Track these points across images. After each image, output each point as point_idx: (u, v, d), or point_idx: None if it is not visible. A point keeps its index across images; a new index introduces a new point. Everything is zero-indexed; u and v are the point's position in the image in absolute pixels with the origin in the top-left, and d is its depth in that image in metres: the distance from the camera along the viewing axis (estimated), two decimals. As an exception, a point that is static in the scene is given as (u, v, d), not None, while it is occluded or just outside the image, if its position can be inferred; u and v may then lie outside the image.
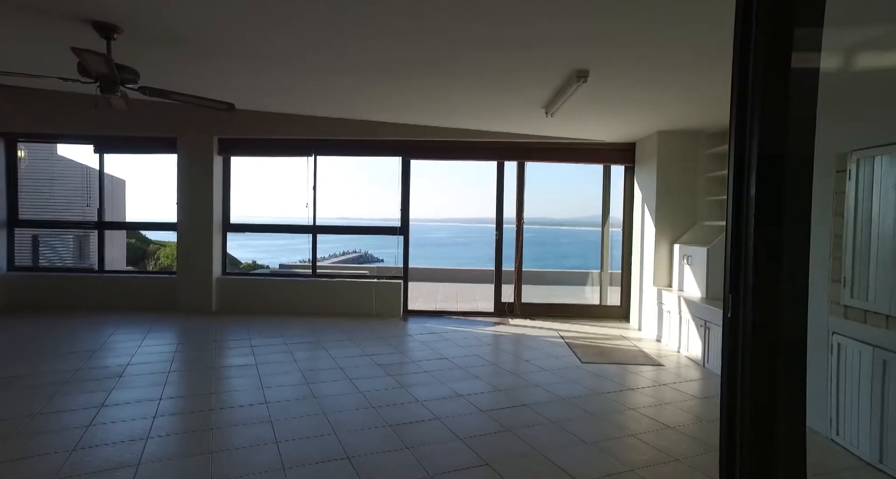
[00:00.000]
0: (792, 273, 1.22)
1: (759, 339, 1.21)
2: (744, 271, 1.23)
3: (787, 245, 1.22)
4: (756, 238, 1.22)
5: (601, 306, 6.26)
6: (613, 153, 5.97)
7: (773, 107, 1.21)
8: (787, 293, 1.20)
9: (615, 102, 4.20)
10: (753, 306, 1.21)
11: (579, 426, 2.96)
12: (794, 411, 1.23)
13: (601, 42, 2.79)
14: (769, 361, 1.21)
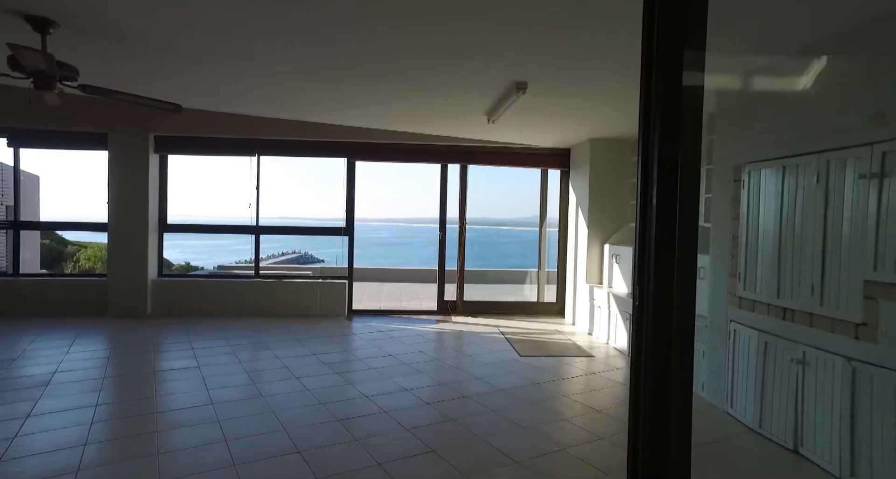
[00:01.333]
0: (683, 269, 1.47)
1: (658, 325, 1.45)
2: (647, 266, 1.46)
3: (680, 244, 1.47)
4: (657, 238, 1.46)
5: (539, 302, 6.62)
6: (550, 158, 6.34)
7: (670, 120, 1.43)
8: (680, 286, 1.45)
9: (551, 112, 4.50)
10: (654, 297, 1.45)
11: (517, 414, 3.20)
12: (684, 384, 1.48)
13: (538, 57, 3.04)
14: (666, 343, 1.45)
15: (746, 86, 3.20)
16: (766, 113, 3.02)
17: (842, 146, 2.42)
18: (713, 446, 2.78)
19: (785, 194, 2.77)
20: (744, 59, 3.02)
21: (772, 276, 2.84)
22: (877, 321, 2.21)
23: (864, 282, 2.27)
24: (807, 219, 2.62)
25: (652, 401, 1.44)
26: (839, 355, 2.38)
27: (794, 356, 2.64)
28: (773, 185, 2.86)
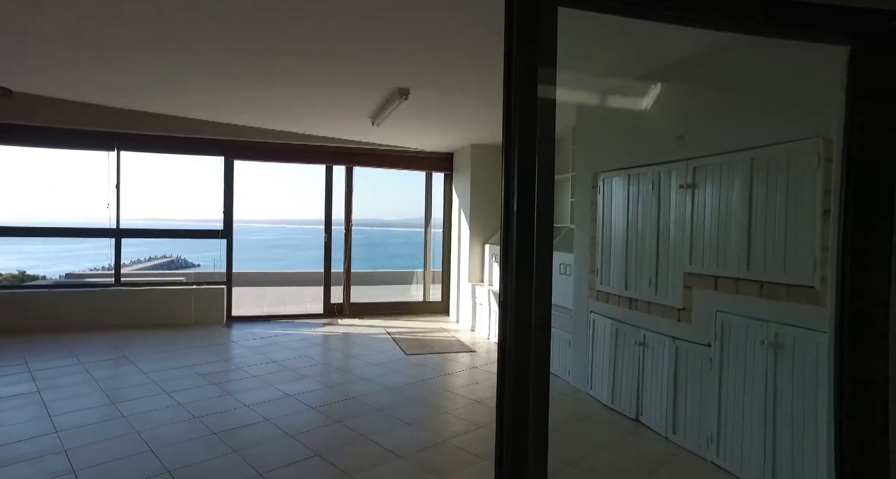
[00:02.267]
0: (541, 268, 1.67)
1: (520, 318, 1.62)
2: (511, 265, 1.63)
3: (538, 244, 1.66)
4: (518, 239, 1.63)
5: (424, 302, 6.82)
6: (434, 162, 6.56)
7: (528, 130, 1.59)
8: (538, 283, 1.64)
9: (434, 118, 4.69)
10: (517, 294, 1.62)
11: (403, 411, 3.31)
12: (541, 370, 1.67)
13: (419, 66, 3.17)
14: (526, 335, 1.62)
15: (602, 103, 3.64)
16: (617, 128, 3.47)
17: (668, 160, 2.88)
18: (576, 422, 3.13)
19: (630, 200, 3.22)
20: (600, 81, 3.44)
21: (621, 271, 3.28)
22: (691, 306, 2.68)
23: (684, 274, 2.74)
24: (645, 221, 3.07)
25: (514, 388, 1.61)
26: (667, 336, 2.84)
27: (637, 340, 3.08)
28: (621, 191, 3.30)
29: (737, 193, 2.44)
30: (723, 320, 2.49)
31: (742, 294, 2.40)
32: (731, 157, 2.47)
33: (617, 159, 3.37)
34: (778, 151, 2.24)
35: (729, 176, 2.49)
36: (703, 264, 2.63)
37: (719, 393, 2.49)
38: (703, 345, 2.61)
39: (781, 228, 2.22)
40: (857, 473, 1.77)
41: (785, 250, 2.20)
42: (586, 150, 3.76)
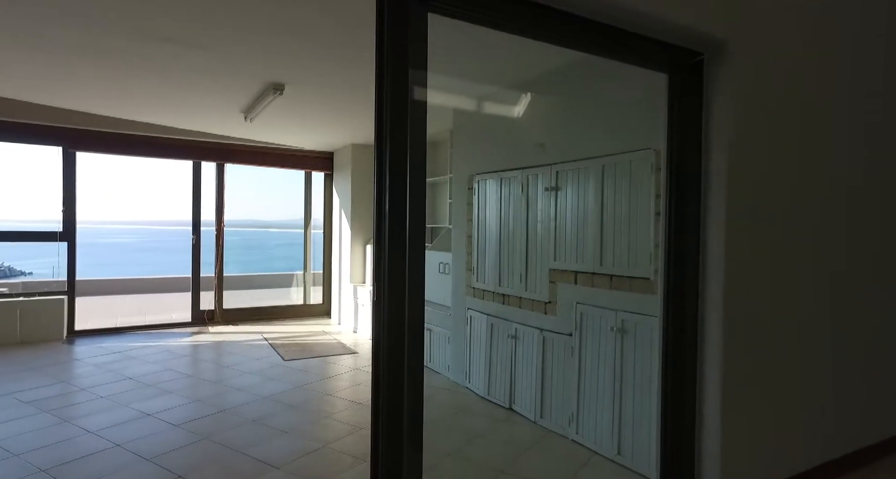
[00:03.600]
0: (414, 267, 1.70)
1: (393, 317, 1.63)
2: (384, 265, 1.64)
3: (411, 244, 1.69)
4: (390, 240, 1.65)
5: (305, 305, 6.58)
6: (314, 160, 6.36)
7: (399, 131, 1.60)
8: (412, 283, 1.68)
9: (312, 116, 4.55)
10: (390, 293, 1.64)
11: (280, 419, 3.16)
12: (415, 368, 1.70)
13: (294, 61, 3.05)
14: (399, 333, 1.64)
15: (477, 109, 3.82)
16: (491, 133, 3.67)
17: (535, 165, 3.12)
18: (454, 415, 3.25)
19: (502, 201, 3.43)
20: (475, 87, 3.61)
21: (495, 268, 3.47)
22: (556, 299, 2.94)
23: (549, 270, 2.99)
24: (516, 221, 3.29)
25: (389, 386, 1.62)
26: (536, 328, 3.07)
27: (510, 333, 3.29)
28: (494, 193, 3.50)
29: (591, 196, 2.73)
30: (581, 311, 2.76)
31: (596, 287, 2.69)
32: (586, 163, 2.76)
33: (490, 162, 3.56)
34: (622, 160, 2.54)
35: (585, 180, 2.77)
36: (566, 260, 2.89)
37: (578, 377, 2.76)
38: (565, 335, 2.87)
39: (626, 227, 2.53)
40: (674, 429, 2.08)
41: (628, 247, 2.51)
42: (462, 153, 3.93)
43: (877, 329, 2.67)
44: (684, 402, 2.05)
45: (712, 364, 1.99)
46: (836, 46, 2.33)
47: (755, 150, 2.03)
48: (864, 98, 2.49)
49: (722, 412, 1.96)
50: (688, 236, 2.02)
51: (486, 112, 3.82)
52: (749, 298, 2.04)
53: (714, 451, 1.98)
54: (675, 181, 2.01)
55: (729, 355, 1.97)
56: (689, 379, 2.04)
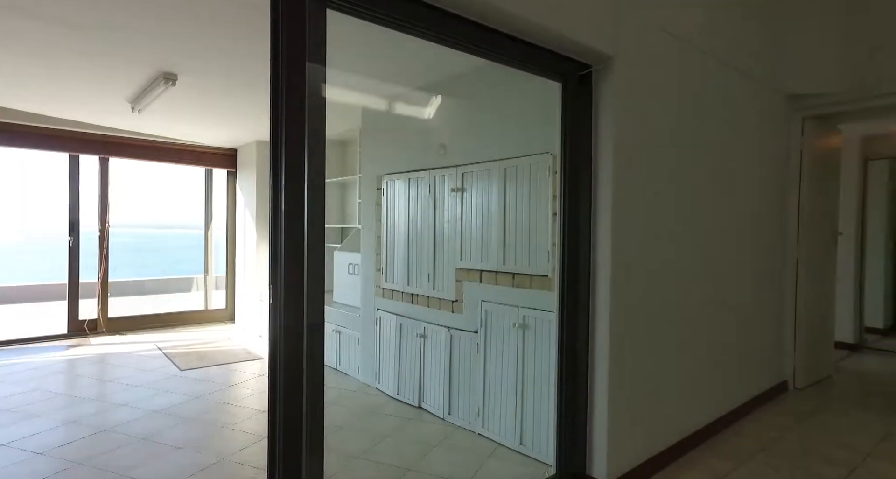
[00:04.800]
0: (313, 269, 1.64)
1: (290, 319, 1.57)
2: (280, 267, 1.56)
3: (310, 245, 1.63)
4: (287, 240, 1.58)
5: (207, 310, 6.16)
6: (215, 157, 5.97)
7: (296, 127, 1.48)
8: (311, 284, 1.62)
9: (211, 110, 4.26)
10: (287, 295, 1.56)
11: (173, 434, 2.92)
12: (316, 372, 1.63)
13: (184, 49, 2.84)
14: (298, 337, 1.57)
15: (386, 109, 3.80)
16: (399, 133, 3.67)
17: (442, 166, 3.17)
18: (363, 417, 3.20)
19: (410, 201, 3.44)
20: (384, 87, 3.58)
21: (404, 268, 3.48)
22: (462, 297, 3.00)
23: (456, 269, 3.05)
24: (424, 221, 3.32)
25: (287, 392, 1.55)
26: (443, 326, 3.12)
27: (419, 332, 3.31)
28: (402, 193, 3.50)
29: (494, 198, 2.82)
30: (486, 309, 2.85)
31: (500, 285, 2.79)
32: (490, 165, 2.85)
33: (399, 163, 3.56)
34: (523, 163, 2.66)
35: (488, 182, 2.86)
36: (471, 259, 2.96)
37: (484, 373, 2.84)
38: (471, 332, 2.94)
39: (526, 227, 2.64)
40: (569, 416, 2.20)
41: (529, 246, 2.63)
42: (371, 153, 3.89)
43: (731, 319, 3.03)
44: (577, 391, 2.18)
45: (602, 355, 2.14)
46: (695, 72, 2.61)
47: (635, 155, 2.21)
48: (709, 116, 2.81)
49: (609, 398, 2.12)
50: (580, 236, 2.16)
51: (395, 113, 3.81)
52: (631, 293, 2.22)
53: (602, 434, 2.13)
54: (569, 184, 2.14)
55: (615, 346, 2.13)
56: (582, 370, 2.18)
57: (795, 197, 3.56)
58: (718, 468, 2.42)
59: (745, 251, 3.07)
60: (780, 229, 3.48)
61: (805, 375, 3.62)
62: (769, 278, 3.37)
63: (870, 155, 4.99)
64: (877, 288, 5.11)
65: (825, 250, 3.82)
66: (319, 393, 1.69)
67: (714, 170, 2.74)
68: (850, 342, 4.79)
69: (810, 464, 2.48)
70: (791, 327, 3.57)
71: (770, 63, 3.23)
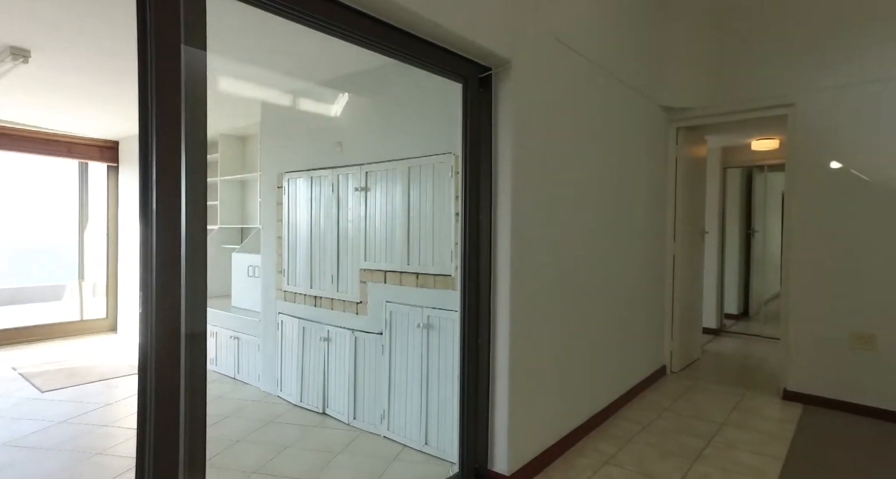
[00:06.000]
0: (194, 272, 1.51)
1: (163, 329, 1.41)
2: (150, 271, 1.40)
3: (190, 246, 1.49)
4: (159, 242, 1.42)
5: (82, 321, 5.48)
6: (92, 149, 5.34)
7: (169, 118, 1.31)
8: (191, 289, 1.48)
9: (80, 94, 3.79)
10: (160, 301, 1.41)
11: (25, 470, 2.55)
12: (197, 386, 1.50)
13: (39, 21, 2.49)
14: (174, 348, 1.43)
15: (288, 104, 3.62)
16: (302, 130, 3.51)
17: (345, 164, 3.09)
18: (264, 427, 3.03)
19: (313, 201, 3.31)
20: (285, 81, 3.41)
21: (306, 270, 3.34)
22: (367, 299, 2.95)
23: (360, 270, 2.99)
24: (327, 221, 3.21)
25: (160, 409, 1.40)
26: (348, 329, 3.04)
27: (322, 336, 3.20)
28: (305, 192, 3.36)
29: (398, 197, 2.80)
30: (391, 310, 2.82)
31: (404, 285, 2.77)
32: (394, 164, 2.82)
33: (301, 160, 3.42)
34: (426, 163, 2.67)
35: (393, 182, 2.83)
36: (375, 260, 2.92)
37: (389, 375, 2.81)
38: (376, 333, 2.89)
39: (430, 227, 2.65)
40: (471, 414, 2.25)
41: (433, 246, 2.64)
42: (272, 149, 3.69)
43: (621, 312, 3.29)
44: (479, 388, 2.23)
45: (503, 352, 2.20)
46: (586, 79, 2.79)
47: (532, 157, 2.31)
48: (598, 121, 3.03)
49: (510, 394, 2.19)
50: (481, 235, 2.21)
51: (297, 108, 3.65)
52: (530, 291, 2.31)
53: (503, 429, 2.20)
54: (470, 184, 2.18)
55: (515, 343, 2.21)
56: (483, 367, 2.23)
57: (672, 198, 3.94)
58: (606, 451, 2.60)
59: (632, 249, 3.33)
60: (660, 228, 3.84)
61: (679, 359, 4.02)
62: (652, 272, 3.69)
63: (728, 163, 5.68)
64: (733, 280, 5.83)
65: (695, 246, 4.28)
66: (201, 410, 1.53)
67: (604, 172, 2.95)
68: (713, 328, 5.42)
69: (679, 438, 2.75)
70: (669, 317, 3.94)
71: (650, 76, 3.54)
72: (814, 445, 2.68)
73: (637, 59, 3.33)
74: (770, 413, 3.15)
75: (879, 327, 3.08)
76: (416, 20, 1.76)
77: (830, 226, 3.24)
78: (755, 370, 4.10)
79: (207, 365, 4.10)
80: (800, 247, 3.35)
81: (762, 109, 3.53)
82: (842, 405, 3.19)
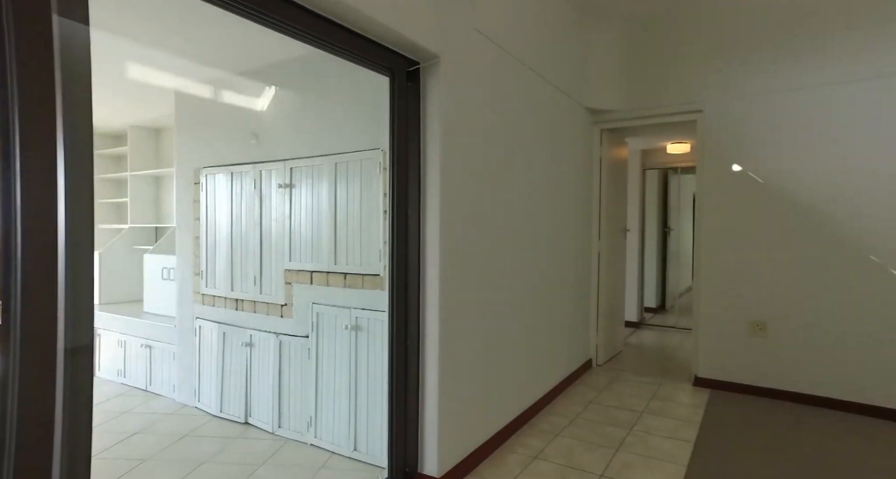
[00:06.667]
0: (79, 276, 1.31)
1: (35, 344, 1.21)
2: (14, 277, 1.19)
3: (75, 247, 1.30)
4: (24, 244, 1.22)
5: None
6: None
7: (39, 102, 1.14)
8: (74, 295, 1.29)
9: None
10: (24, 313, 1.19)
11: None
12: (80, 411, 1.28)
13: None
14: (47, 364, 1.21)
15: (204, 94, 3.38)
16: (221, 122, 3.30)
17: (268, 160, 2.93)
18: (179, 442, 2.81)
19: (234, 198, 3.12)
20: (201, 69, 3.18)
21: (227, 271, 3.14)
22: (292, 301, 2.82)
23: (285, 270, 2.85)
24: (249, 219, 3.04)
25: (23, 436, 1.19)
26: (272, 333, 2.89)
27: (244, 341, 3.02)
28: (225, 188, 3.15)
29: (325, 194, 2.70)
30: (318, 312, 2.71)
31: (332, 286, 2.67)
32: (320, 160, 2.71)
33: (221, 155, 3.21)
34: (354, 159, 2.58)
35: (318, 178, 2.72)
36: (301, 260, 2.79)
37: (316, 379, 2.70)
38: (302, 337, 2.77)
39: (358, 225, 2.57)
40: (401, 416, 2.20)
41: (361, 245, 2.56)
42: (188, 142, 3.44)
43: (551, 307, 3.38)
44: (409, 390, 2.19)
45: (432, 352, 2.17)
46: (516, 78, 2.83)
47: (462, 153, 2.30)
48: (528, 120, 3.10)
49: (439, 394, 2.17)
50: (409, 233, 2.17)
51: (215, 99, 3.43)
52: (460, 289, 2.30)
53: (433, 430, 2.17)
54: (398, 181, 2.13)
55: (445, 342, 2.19)
56: (413, 368, 2.19)
57: (597, 197, 4.10)
58: (535, 446, 2.65)
59: (560, 245, 3.43)
60: (586, 226, 3.98)
61: (605, 352, 4.20)
62: (579, 269, 3.82)
63: (647, 165, 6.03)
64: (652, 275, 6.20)
65: (618, 243, 4.49)
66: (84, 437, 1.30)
67: (533, 170, 3.00)
68: (635, 321, 5.74)
69: (604, 429, 2.86)
70: (595, 312, 4.11)
71: (575, 78, 3.66)
72: (719, 427, 2.89)
73: (563, 61, 3.43)
74: (683, 399, 3.36)
75: (769, 315, 3.38)
76: (343, 10, 1.68)
77: (732, 225, 3.50)
78: (671, 360, 4.37)
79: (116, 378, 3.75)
80: (707, 244, 3.60)
81: (674, 114, 3.75)
82: (743, 387, 3.47)
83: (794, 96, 3.29)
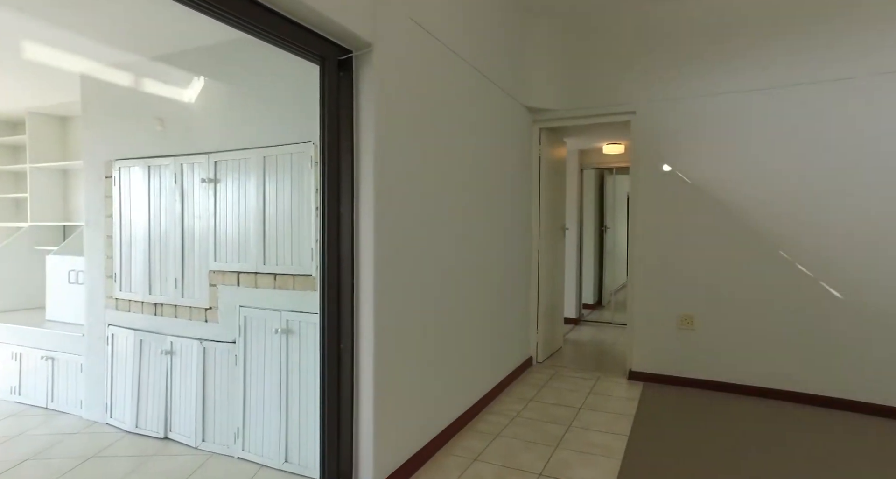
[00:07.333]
0: None
1: None
2: None
3: None
4: None
5: None
6: None
7: None
8: None
9: None
10: None
11: None
12: None
13: None
14: None
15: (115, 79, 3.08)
16: (135, 110, 3.02)
17: (190, 152, 2.71)
18: (86, 464, 2.53)
19: (152, 193, 2.86)
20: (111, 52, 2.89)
21: (144, 273, 2.87)
22: (217, 304, 2.62)
23: (209, 272, 2.64)
24: (169, 217, 2.79)
25: None
26: (195, 339, 2.68)
27: (164, 348, 2.78)
28: (141, 183, 2.89)
29: (253, 190, 2.52)
30: (245, 315, 2.53)
31: (260, 287, 2.50)
32: (247, 154, 2.53)
33: (136, 146, 2.94)
34: (284, 152, 2.43)
35: (245, 173, 2.54)
36: (227, 260, 2.60)
37: (244, 387, 2.52)
38: (228, 342, 2.58)
39: (288, 223, 2.42)
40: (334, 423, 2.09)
41: (291, 244, 2.41)
42: (98, 132, 3.12)
43: (490, 306, 3.36)
44: (342, 395, 2.07)
45: (367, 355, 2.07)
46: (454, 73, 2.78)
47: (397, 147, 2.21)
48: (466, 115, 3.06)
49: (375, 399, 2.07)
50: (342, 231, 2.05)
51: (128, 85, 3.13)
52: (396, 289, 2.21)
53: (368, 436, 2.07)
54: (330, 176, 2.01)
55: (380, 344, 2.09)
56: (347, 373, 2.08)
57: (537, 196, 4.14)
58: (475, 447, 2.61)
59: (500, 243, 3.41)
60: (526, 224, 4.01)
61: (544, 349, 4.25)
62: (519, 267, 3.84)
63: (584, 165, 6.20)
64: (589, 272, 6.39)
65: (557, 241, 4.56)
66: None
67: (472, 166, 2.96)
68: (574, 317, 5.88)
69: (543, 426, 2.87)
70: (535, 309, 4.14)
71: (515, 76, 3.66)
72: (651, 419, 2.98)
73: (502, 58, 3.42)
74: (618, 393, 3.44)
75: (696, 308, 3.54)
76: (262, -13, 1.55)
77: (662, 223, 3.64)
78: (607, 355, 4.49)
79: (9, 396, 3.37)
80: (640, 242, 3.72)
81: (609, 115, 3.85)
82: (673, 379, 3.61)
83: (717, 101, 3.46)
